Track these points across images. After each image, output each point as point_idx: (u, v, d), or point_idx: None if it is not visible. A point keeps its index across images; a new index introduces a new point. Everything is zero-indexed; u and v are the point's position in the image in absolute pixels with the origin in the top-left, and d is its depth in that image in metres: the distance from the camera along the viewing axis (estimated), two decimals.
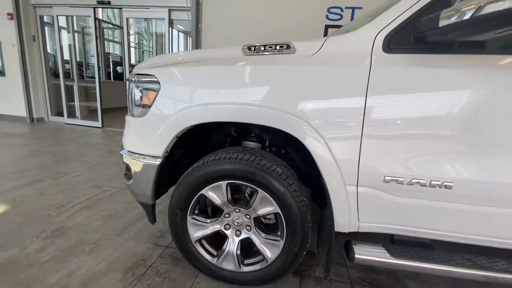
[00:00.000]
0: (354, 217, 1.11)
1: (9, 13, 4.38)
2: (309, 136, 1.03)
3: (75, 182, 2.34)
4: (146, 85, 1.19)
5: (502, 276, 1.04)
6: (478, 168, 0.96)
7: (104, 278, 1.27)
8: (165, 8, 3.97)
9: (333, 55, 1.02)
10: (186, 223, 1.24)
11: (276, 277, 1.22)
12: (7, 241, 1.48)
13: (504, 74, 0.90)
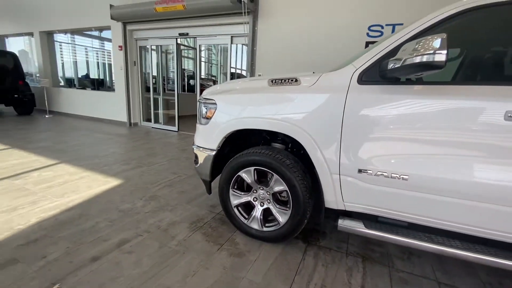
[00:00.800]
0: (339, 197, 1.58)
1: (120, 46, 6.00)
2: (306, 140, 1.57)
3: (160, 169, 3.30)
4: (209, 105, 1.91)
5: (452, 251, 1.37)
6: (426, 166, 1.34)
7: (179, 225, 2.02)
8: (228, 36, 4.89)
9: (324, 86, 1.54)
10: (228, 193, 1.90)
11: (286, 236, 1.76)
12: (124, 199, 2.41)
13: (433, 97, 1.28)
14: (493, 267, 1.31)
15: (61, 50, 8.01)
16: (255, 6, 4.35)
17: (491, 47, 1.65)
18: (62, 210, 2.15)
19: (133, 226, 1.97)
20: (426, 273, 1.63)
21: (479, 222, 1.31)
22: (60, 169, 3.09)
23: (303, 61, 4.26)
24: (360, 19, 3.84)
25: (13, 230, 1.82)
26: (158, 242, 1.80)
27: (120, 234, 1.86)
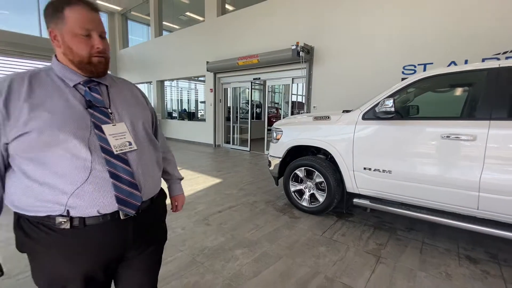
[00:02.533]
0: (354, 185, 2.69)
1: (211, 89, 8.20)
2: (334, 152, 2.77)
3: (242, 175, 4.81)
4: (278, 132, 3.30)
5: (418, 214, 2.32)
6: (401, 164, 2.38)
7: (259, 202, 3.39)
8: (289, 78, 6.41)
9: (345, 120, 2.75)
10: (289, 184, 3.19)
11: (323, 210, 2.92)
12: (226, 189, 3.92)
13: (402, 125, 2.35)
14: (451, 226, 2.22)
15: (166, 91, 10.99)
16: (310, 56, 5.78)
17: (434, 98, 2.62)
18: (196, 191, 3.79)
19: (234, 201, 3.43)
20: (416, 237, 2.54)
21: (431, 197, 2.26)
22: (184, 172, 4.92)
23: (349, 95, 5.36)
24: (396, 61, 4.81)
25: None
26: (248, 208, 3.19)
27: (228, 204, 3.33)
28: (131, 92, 0.97)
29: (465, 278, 1.94)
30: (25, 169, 0.73)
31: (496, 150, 1.97)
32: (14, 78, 0.74)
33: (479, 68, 2.18)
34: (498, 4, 3.91)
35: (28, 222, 0.77)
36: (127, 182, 0.79)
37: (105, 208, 0.77)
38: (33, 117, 0.71)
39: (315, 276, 1.93)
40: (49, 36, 0.79)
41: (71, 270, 0.78)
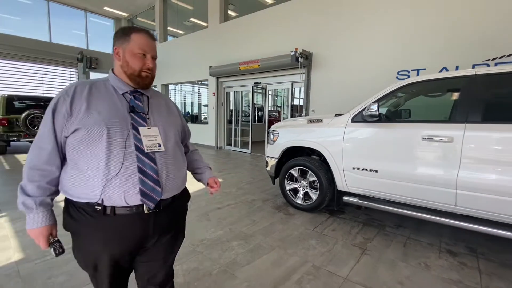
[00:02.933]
0: (344, 183, 2.87)
1: (213, 92, 8.44)
2: (326, 152, 2.96)
3: (242, 175, 5.01)
4: (275, 133, 3.50)
5: (401, 211, 2.49)
6: (386, 164, 2.56)
7: (257, 200, 3.58)
8: (289, 82, 6.63)
9: (336, 123, 2.94)
10: (284, 183, 3.38)
11: (316, 207, 3.10)
12: (225, 188, 4.12)
13: (387, 128, 2.54)
14: (433, 222, 2.39)
15: (170, 95, 11.27)
16: (309, 62, 5.99)
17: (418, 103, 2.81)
18: (197, 190, 4.00)
19: (233, 199, 3.63)
20: (402, 233, 2.71)
21: (414, 195, 2.43)
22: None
23: (346, 99, 5.54)
24: (391, 66, 4.99)
25: None
26: (246, 206, 3.39)
27: (228, 201, 3.53)
28: (167, 105, 1.14)
29: (442, 269, 2.11)
30: (73, 160, 0.90)
31: (471, 151, 2.15)
32: (79, 84, 0.94)
33: (457, 75, 2.37)
34: (489, 12, 4.09)
35: (73, 207, 0.93)
36: (151, 178, 0.93)
37: (131, 199, 0.90)
38: (87, 116, 0.89)
39: (303, 264, 2.11)
40: (112, 52, 1.00)
41: (102, 251, 0.93)
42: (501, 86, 2.21)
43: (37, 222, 0.91)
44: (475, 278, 2.00)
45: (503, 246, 2.46)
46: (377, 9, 5.11)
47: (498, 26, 4.02)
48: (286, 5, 6.52)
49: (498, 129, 2.06)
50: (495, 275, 2.03)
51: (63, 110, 0.89)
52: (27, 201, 0.89)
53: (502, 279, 1.99)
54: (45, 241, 0.93)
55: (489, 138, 2.09)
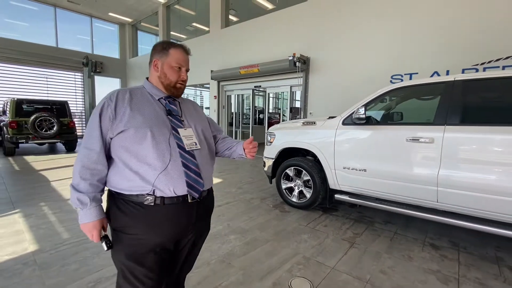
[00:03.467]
0: (336, 182, 3.05)
1: (215, 96, 8.67)
2: (319, 153, 3.14)
3: (242, 175, 5.20)
4: (272, 135, 3.70)
5: (387, 207, 2.66)
6: (374, 164, 2.73)
7: (255, 199, 3.76)
8: (288, 86, 6.83)
9: (328, 125, 3.13)
10: (280, 182, 3.56)
11: (310, 205, 3.27)
12: (226, 188, 4.31)
13: (374, 130, 2.72)
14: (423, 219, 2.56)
15: None
16: (306, 66, 6.19)
17: (401, 107, 2.99)
18: None
19: (232, 198, 3.81)
20: (390, 229, 2.88)
21: (399, 192, 2.60)
22: None
23: (342, 101, 5.72)
24: (385, 70, 5.18)
25: None
26: (245, 203, 3.57)
27: (227, 200, 3.72)
28: (194, 107, 1.28)
29: (423, 260, 2.27)
30: (123, 158, 1.00)
31: (450, 151, 2.32)
32: (120, 91, 1.06)
33: (438, 81, 2.55)
34: (478, 18, 4.26)
35: (122, 201, 1.02)
36: (194, 171, 1.05)
37: (179, 190, 1.02)
38: (132, 118, 1.00)
39: (295, 255, 2.29)
40: (150, 64, 1.12)
41: (151, 239, 1.01)
42: (477, 91, 2.38)
43: (90, 216, 0.99)
44: (453, 268, 2.16)
45: (484, 240, 2.62)
46: (372, 16, 5.30)
47: (487, 33, 4.19)
48: (284, 11, 6.75)
49: (474, 131, 2.24)
50: (473, 266, 2.20)
51: (108, 113, 0.99)
52: (81, 197, 0.97)
53: (479, 270, 2.15)
54: (98, 234, 1.01)
55: (466, 139, 2.27)
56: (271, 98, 13.29)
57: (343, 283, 1.93)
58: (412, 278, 2.01)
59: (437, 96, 2.56)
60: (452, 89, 2.43)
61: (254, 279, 1.95)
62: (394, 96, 3.07)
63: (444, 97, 2.47)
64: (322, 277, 1.99)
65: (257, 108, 13.51)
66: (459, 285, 1.94)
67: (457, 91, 2.40)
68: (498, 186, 2.11)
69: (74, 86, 12.51)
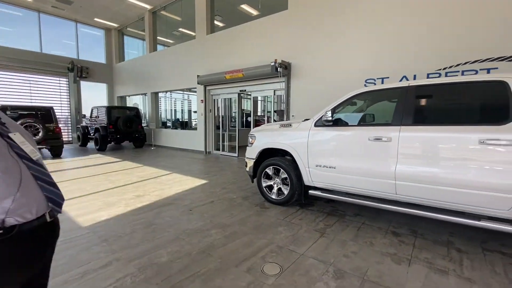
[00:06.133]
0: (309, 179, 3.32)
1: (201, 100, 8.86)
2: (294, 153, 3.41)
3: (227, 177, 5.41)
4: (252, 137, 3.94)
5: (354, 200, 2.95)
6: (342, 161, 3.02)
7: (237, 198, 3.98)
8: (271, 90, 7.11)
9: (302, 127, 3.40)
10: (261, 180, 3.80)
11: (288, 201, 3.53)
12: (211, 188, 4.51)
13: (342, 131, 3.01)
14: (386, 210, 2.85)
15: (160, 102, 11.63)
16: (288, 71, 6.50)
17: (367, 111, 3.32)
18: (184, 190, 4.38)
19: (216, 197, 4.02)
20: (359, 220, 3.16)
21: (364, 186, 2.89)
22: (175, 176, 5.51)
23: (322, 104, 6.03)
24: (360, 75, 5.53)
25: (167, 195, 4.08)
26: (228, 202, 3.79)
27: (211, 199, 3.92)
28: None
29: (383, 245, 2.55)
30: None
31: (405, 148, 2.63)
32: None
33: (396, 86, 2.87)
34: (442, 27, 4.67)
35: None
36: (49, 182, 0.89)
37: (41, 209, 0.86)
38: None
39: (269, 244, 2.53)
40: None
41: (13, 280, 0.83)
42: (427, 95, 2.71)
43: None
44: (408, 251, 2.45)
45: (440, 227, 2.94)
46: (348, 25, 5.66)
47: (449, 40, 4.60)
48: (267, 19, 7.05)
49: (424, 130, 2.55)
50: (425, 249, 2.49)
51: None
52: None
53: (430, 252, 2.45)
54: None
55: (417, 137, 2.58)
56: (260, 101, 13.57)
57: (309, 266, 2.18)
58: (370, 260, 2.28)
59: (396, 99, 2.87)
60: (407, 94, 2.75)
61: (231, 265, 2.17)
62: (361, 100, 3.38)
63: (400, 101, 2.79)
64: (291, 262, 2.23)
65: (244, 111, 13.79)
66: (410, 264, 2.23)
67: (411, 95, 2.72)
68: (445, 178, 2.42)
69: (59, 91, 12.40)
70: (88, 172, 5.88)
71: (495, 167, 2.23)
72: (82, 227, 2.88)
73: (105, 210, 3.44)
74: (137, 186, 4.61)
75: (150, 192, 4.27)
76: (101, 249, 2.39)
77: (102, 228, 2.88)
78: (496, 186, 2.21)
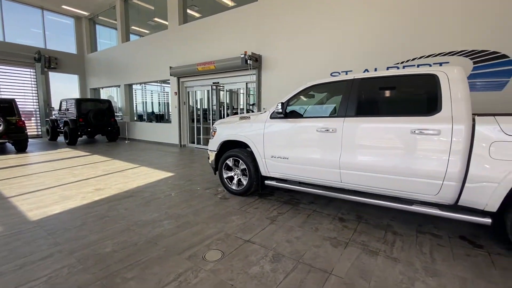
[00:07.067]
0: (266, 170, 3.41)
1: (175, 92, 8.72)
2: (251, 144, 3.48)
3: (195, 169, 5.43)
4: (214, 129, 3.97)
5: (305, 189, 3.08)
6: (294, 152, 3.12)
7: (200, 190, 4.03)
8: (243, 82, 7.12)
9: (259, 119, 3.47)
10: (222, 172, 3.86)
11: (247, 191, 3.61)
12: (175, 181, 4.52)
13: (294, 122, 3.11)
14: (339, 198, 2.99)
15: (135, 94, 11.33)
16: (259, 64, 6.52)
17: (316, 102, 3.44)
18: (147, 183, 4.36)
19: (178, 189, 4.05)
20: (311, 208, 3.31)
21: (314, 175, 3.02)
22: (141, 169, 5.46)
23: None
24: (326, 68, 5.66)
25: (128, 189, 4.06)
26: (189, 194, 3.83)
27: (173, 191, 3.94)
28: None
29: (327, 230, 2.70)
30: None
31: (348, 139, 2.76)
32: None
33: (343, 79, 2.98)
34: (402, 22, 4.84)
35: None
36: None
37: None
38: None
39: (218, 233, 2.61)
40: None
41: None
42: (369, 88, 2.84)
43: None
44: (348, 235, 2.61)
45: (383, 213, 3.13)
46: (315, 19, 5.74)
47: (408, 35, 4.79)
48: (238, 10, 6.99)
49: (365, 121, 2.69)
50: (365, 233, 2.66)
51: None
52: None
53: (368, 235, 2.62)
54: None
55: (359, 128, 2.71)
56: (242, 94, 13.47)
57: (250, 251, 2.28)
58: (310, 244, 2.41)
59: (339, 92, 2.99)
60: (351, 86, 2.87)
61: (173, 253, 2.23)
62: (318, 92, 3.49)
63: (346, 93, 2.90)
64: (234, 248, 2.32)
65: (224, 103, 13.68)
66: (346, 247, 2.38)
67: (355, 88, 2.85)
68: (382, 166, 2.57)
69: (27, 83, 11.76)
70: (52, 166, 5.70)
71: (425, 156, 2.40)
72: (30, 221, 2.83)
73: (60, 203, 3.39)
74: (100, 180, 4.54)
75: (112, 185, 4.23)
76: (45, 242, 2.38)
77: (51, 221, 2.84)
78: (425, 173, 2.39)
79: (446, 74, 2.43)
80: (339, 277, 1.94)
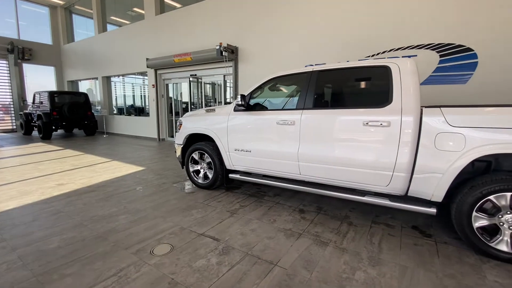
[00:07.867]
0: (230, 162, 3.39)
1: (153, 84, 8.52)
2: (215, 137, 3.44)
3: (169, 164, 5.35)
4: (180, 122, 3.90)
5: (266, 181, 3.08)
6: (256, 145, 3.10)
7: (166, 184, 3.97)
8: (221, 75, 7.02)
9: (223, 111, 3.42)
10: (189, 165, 3.81)
11: (212, 184, 3.59)
12: (144, 175, 4.44)
13: (256, 115, 3.08)
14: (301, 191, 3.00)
15: (115, 87, 11.02)
16: (235, 56, 6.42)
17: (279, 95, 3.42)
18: (114, 177, 4.27)
19: (145, 183, 3.98)
20: (275, 200, 3.31)
21: (275, 168, 3.02)
22: (113, 163, 5.34)
23: None
24: (300, 60, 5.62)
25: (93, 183, 3.96)
26: (154, 188, 3.77)
27: (138, 186, 3.87)
28: None
29: (284, 222, 2.71)
30: None
31: (306, 131, 2.76)
32: None
33: (303, 71, 2.96)
34: (373, 16, 4.84)
35: None
36: None
37: None
38: None
39: (173, 227, 2.58)
40: None
41: None
42: (326, 80, 2.84)
43: None
44: (303, 226, 2.63)
45: (343, 204, 3.17)
46: (291, 11, 5.67)
47: (377, 29, 4.80)
48: (216, 1, 6.83)
49: (321, 113, 2.69)
50: (320, 224, 2.69)
51: None
52: None
53: (323, 226, 2.65)
54: None
55: (315, 120, 2.71)
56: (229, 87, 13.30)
57: (201, 244, 2.27)
58: (263, 236, 2.42)
59: (299, 84, 2.97)
60: (310, 78, 2.85)
61: (121, 248, 2.19)
62: (282, 85, 3.46)
63: (305, 85, 2.89)
64: (186, 242, 2.30)
65: (208, 97, 13.51)
66: (299, 238, 2.40)
67: (313, 80, 2.83)
68: (336, 158, 2.59)
69: (0, 75, 11.24)
70: (20, 161, 5.50)
71: (376, 147, 2.42)
72: None
73: (16, 199, 3.27)
74: (65, 175, 4.41)
75: (76, 180, 4.12)
76: None
77: (1, 217, 2.74)
78: (376, 165, 2.42)
79: (398, 66, 2.44)
80: (283, 268, 1.95)
